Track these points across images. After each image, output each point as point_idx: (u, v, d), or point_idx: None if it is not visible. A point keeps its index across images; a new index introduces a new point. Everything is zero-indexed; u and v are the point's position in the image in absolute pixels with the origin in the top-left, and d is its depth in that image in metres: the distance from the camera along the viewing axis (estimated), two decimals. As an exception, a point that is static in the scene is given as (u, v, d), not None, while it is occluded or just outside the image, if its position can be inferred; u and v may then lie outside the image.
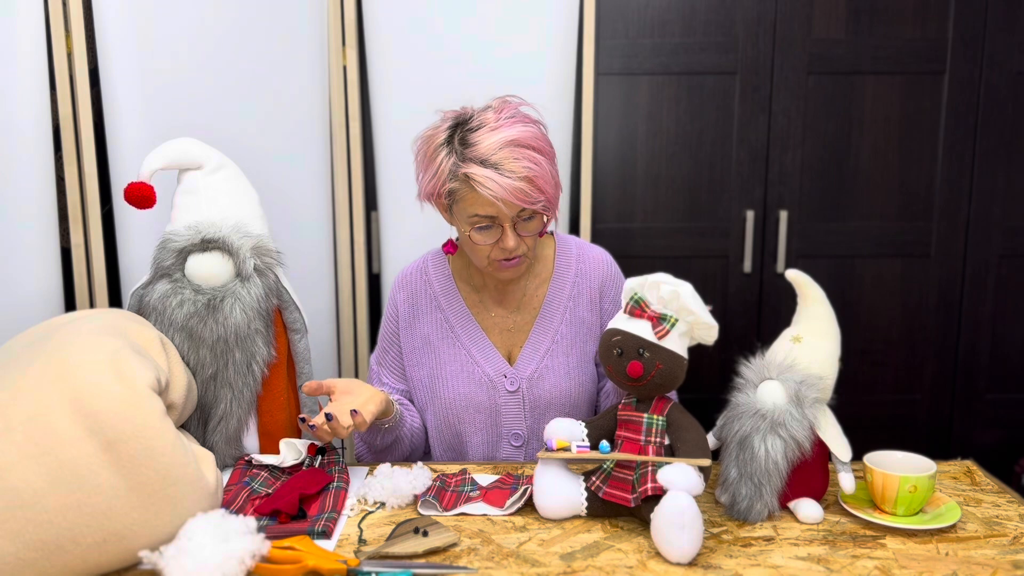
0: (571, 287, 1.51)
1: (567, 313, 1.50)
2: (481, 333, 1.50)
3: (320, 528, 1.14)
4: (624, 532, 1.18)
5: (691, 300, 1.18)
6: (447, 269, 1.54)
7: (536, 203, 1.33)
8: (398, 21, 1.94)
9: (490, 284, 1.52)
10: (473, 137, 1.33)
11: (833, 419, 1.26)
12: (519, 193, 1.31)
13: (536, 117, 1.39)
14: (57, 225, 1.87)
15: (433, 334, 1.51)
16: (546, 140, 1.38)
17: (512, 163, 1.31)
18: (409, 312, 1.53)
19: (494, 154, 1.31)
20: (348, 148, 2.01)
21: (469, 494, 1.28)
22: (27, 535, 0.98)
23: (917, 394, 2.27)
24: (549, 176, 1.35)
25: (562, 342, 1.49)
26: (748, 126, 2.15)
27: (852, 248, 2.21)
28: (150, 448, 1.04)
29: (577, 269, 1.52)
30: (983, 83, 2.14)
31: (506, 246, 1.37)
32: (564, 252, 1.54)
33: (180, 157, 1.43)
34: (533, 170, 1.32)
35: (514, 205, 1.33)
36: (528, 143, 1.33)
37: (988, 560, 1.10)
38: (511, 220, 1.35)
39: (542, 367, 1.48)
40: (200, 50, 1.85)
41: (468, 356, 1.49)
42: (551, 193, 1.35)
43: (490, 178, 1.30)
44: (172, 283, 1.37)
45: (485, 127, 1.34)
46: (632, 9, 2.10)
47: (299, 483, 1.25)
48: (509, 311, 1.51)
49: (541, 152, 1.35)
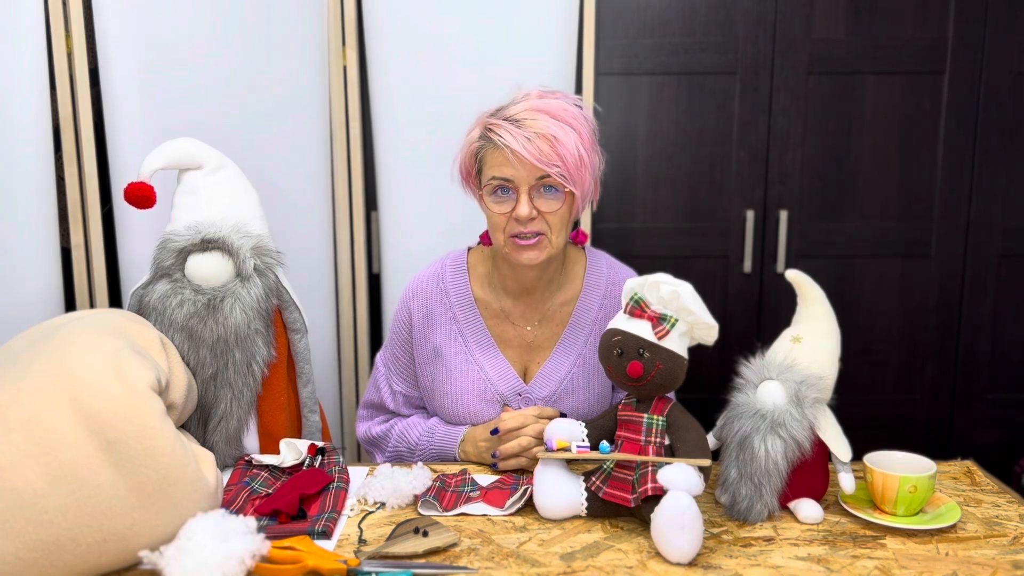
0: (599, 308, 1.45)
1: (592, 336, 1.44)
2: (495, 347, 1.45)
3: (320, 528, 1.14)
4: (624, 532, 1.18)
5: (691, 300, 1.18)
6: (465, 277, 1.48)
7: (551, 166, 1.29)
8: (398, 21, 1.94)
9: (512, 289, 1.45)
10: (508, 105, 1.36)
11: (833, 419, 1.26)
12: (534, 150, 1.28)
13: (581, 106, 1.37)
14: (57, 225, 1.87)
15: (445, 346, 1.46)
16: (584, 121, 1.34)
17: (533, 122, 1.30)
18: (423, 322, 1.48)
19: (520, 113, 1.32)
20: (348, 148, 2.01)
21: (469, 494, 1.28)
22: (27, 535, 0.98)
23: (917, 394, 2.27)
24: (573, 147, 1.30)
25: (585, 366, 1.44)
26: (748, 126, 2.15)
27: (852, 248, 2.21)
28: (150, 448, 1.04)
29: (607, 290, 1.46)
30: (983, 83, 2.14)
31: (519, 214, 1.31)
32: (595, 270, 1.48)
33: (180, 157, 1.43)
34: (555, 132, 1.29)
35: (529, 164, 1.29)
36: (558, 115, 1.32)
37: (988, 560, 1.10)
38: (528, 187, 1.32)
39: (561, 389, 1.43)
40: (200, 50, 1.85)
41: (480, 371, 1.44)
42: (571, 163, 1.30)
43: (508, 131, 1.30)
44: (172, 283, 1.37)
45: (521, 99, 1.36)
46: (632, 9, 2.10)
47: (299, 483, 1.25)
48: (530, 324, 1.46)
49: (571, 126, 1.32)
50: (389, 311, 2.09)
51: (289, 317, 1.46)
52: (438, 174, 1.98)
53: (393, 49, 1.95)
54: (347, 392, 2.10)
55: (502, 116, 1.34)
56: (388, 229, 2.04)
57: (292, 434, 1.49)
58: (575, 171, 1.31)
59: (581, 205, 1.39)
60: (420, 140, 1.97)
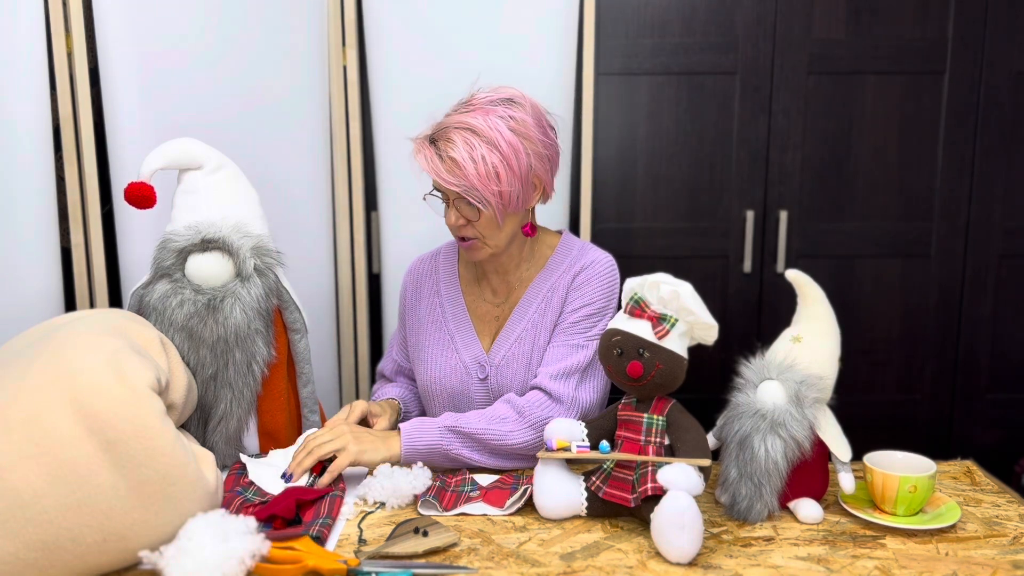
0: (555, 280, 1.50)
1: (543, 303, 1.49)
2: (468, 321, 1.53)
3: (314, 534, 1.13)
4: (624, 532, 1.18)
5: (691, 300, 1.18)
6: (456, 257, 1.60)
7: (454, 186, 1.36)
8: (398, 21, 1.94)
9: (488, 270, 1.54)
10: (449, 113, 1.42)
11: (833, 419, 1.26)
12: (440, 169, 1.36)
13: (522, 120, 1.38)
14: (57, 225, 1.87)
15: (427, 317, 1.57)
16: (514, 142, 1.36)
17: (446, 142, 1.36)
18: (414, 295, 1.61)
19: (442, 128, 1.38)
20: (348, 148, 2.01)
21: (469, 494, 1.29)
22: (27, 535, 0.98)
23: (917, 394, 2.27)
24: (484, 169, 1.34)
25: (531, 331, 1.49)
26: (748, 126, 2.15)
27: (852, 248, 2.21)
28: (150, 448, 1.04)
29: (568, 266, 1.50)
30: (983, 83, 2.14)
31: (448, 222, 1.42)
32: (563, 251, 1.53)
33: (180, 157, 1.43)
34: (463, 156, 1.34)
35: (435, 179, 1.38)
36: (484, 134, 1.35)
37: (988, 560, 1.10)
38: (452, 198, 1.40)
39: (508, 355, 1.48)
40: (200, 50, 1.85)
41: (450, 341, 1.53)
42: (479, 185, 1.35)
43: (423, 150, 1.38)
44: (172, 283, 1.37)
45: (457, 108, 1.41)
46: (632, 9, 2.10)
47: (297, 490, 1.25)
48: (499, 300, 1.53)
49: (495, 147, 1.35)
50: (389, 311, 2.09)
51: (289, 317, 1.46)
52: (438, 174, 1.98)
53: (393, 49, 1.95)
54: (347, 392, 2.10)
55: (432, 129, 1.40)
56: (388, 229, 2.04)
57: (292, 434, 1.49)
58: (483, 187, 1.35)
59: (512, 208, 1.40)
60: (420, 140, 1.97)
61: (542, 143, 1.41)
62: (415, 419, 1.40)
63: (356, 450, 1.31)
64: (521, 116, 1.38)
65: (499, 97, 1.40)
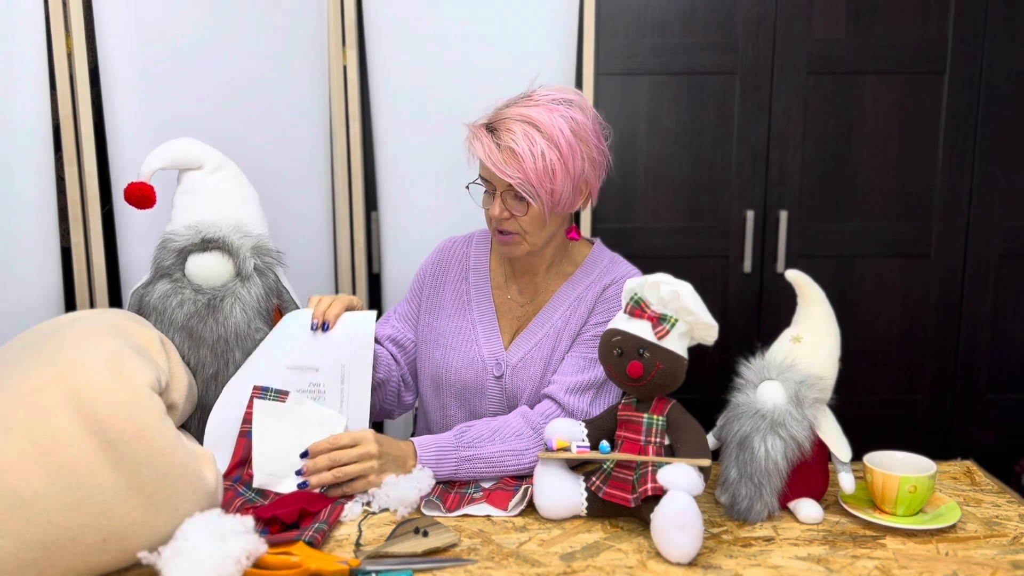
0: (583, 289, 1.49)
1: (569, 311, 1.48)
2: (493, 314, 1.52)
3: (308, 539, 1.12)
4: (624, 532, 1.18)
5: (691, 300, 1.18)
6: (488, 247, 1.58)
7: (510, 176, 1.34)
8: (398, 21, 1.94)
9: (517, 269, 1.53)
10: (506, 104, 1.40)
11: (833, 419, 1.26)
12: (497, 160, 1.34)
13: (582, 123, 1.38)
14: (57, 225, 1.87)
15: (451, 302, 1.55)
16: (565, 133, 1.35)
17: (506, 132, 1.35)
18: (439, 274, 1.58)
19: (501, 118, 1.37)
20: (348, 148, 2.01)
21: (472, 495, 1.29)
22: (27, 535, 0.98)
23: (917, 394, 2.27)
24: (541, 164, 1.33)
25: (553, 336, 1.48)
26: (748, 126, 2.15)
27: (852, 248, 2.21)
28: (150, 448, 1.04)
29: (597, 277, 1.50)
30: (983, 83, 2.14)
31: (491, 213, 1.40)
32: (594, 260, 1.52)
33: (180, 157, 1.43)
34: (522, 148, 1.33)
35: (489, 169, 1.36)
36: (545, 129, 1.34)
37: (988, 560, 1.10)
38: (501, 190, 1.38)
39: (527, 357, 1.47)
40: (200, 50, 1.85)
41: (472, 332, 1.51)
42: (533, 176, 1.34)
43: (480, 138, 1.37)
44: (172, 283, 1.37)
45: (516, 100, 1.40)
46: (632, 9, 2.10)
47: (304, 498, 1.24)
48: (524, 301, 1.53)
49: (554, 144, 1.34)
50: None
51: (289, 317, 1.46)
52: (438, 174, 1.98)
53: (393, 49, 1.95)
54: (347, 392, 2.10)
55: (490, 118, 1.39)
56: (388, 229, 2.04)
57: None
58: (538, 183, 1.35)
59: (560, 208, 1.40)
60: (420, 140, 1.97)
61: (597, 149, 1.41)
62: (430, 443, 1.34)
63: (377, 481, 1.28)
64: (581, 119, 1.38)
65: (562, 96, 1.39)
